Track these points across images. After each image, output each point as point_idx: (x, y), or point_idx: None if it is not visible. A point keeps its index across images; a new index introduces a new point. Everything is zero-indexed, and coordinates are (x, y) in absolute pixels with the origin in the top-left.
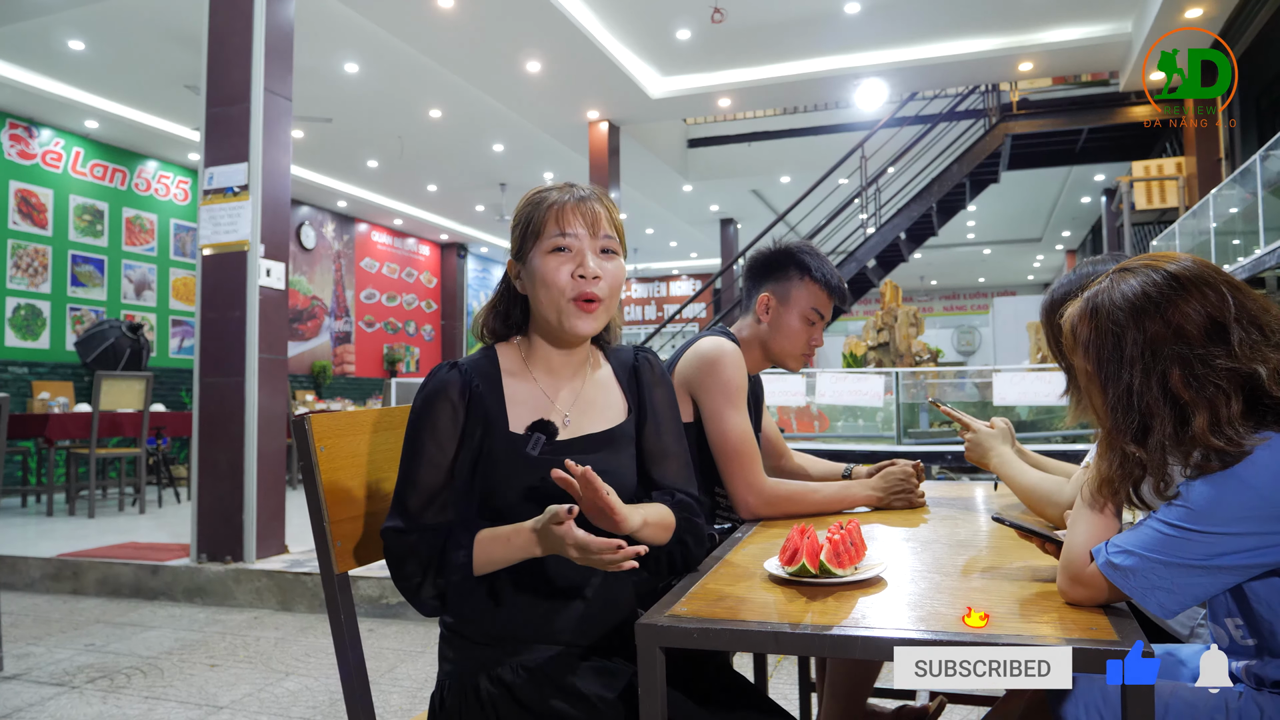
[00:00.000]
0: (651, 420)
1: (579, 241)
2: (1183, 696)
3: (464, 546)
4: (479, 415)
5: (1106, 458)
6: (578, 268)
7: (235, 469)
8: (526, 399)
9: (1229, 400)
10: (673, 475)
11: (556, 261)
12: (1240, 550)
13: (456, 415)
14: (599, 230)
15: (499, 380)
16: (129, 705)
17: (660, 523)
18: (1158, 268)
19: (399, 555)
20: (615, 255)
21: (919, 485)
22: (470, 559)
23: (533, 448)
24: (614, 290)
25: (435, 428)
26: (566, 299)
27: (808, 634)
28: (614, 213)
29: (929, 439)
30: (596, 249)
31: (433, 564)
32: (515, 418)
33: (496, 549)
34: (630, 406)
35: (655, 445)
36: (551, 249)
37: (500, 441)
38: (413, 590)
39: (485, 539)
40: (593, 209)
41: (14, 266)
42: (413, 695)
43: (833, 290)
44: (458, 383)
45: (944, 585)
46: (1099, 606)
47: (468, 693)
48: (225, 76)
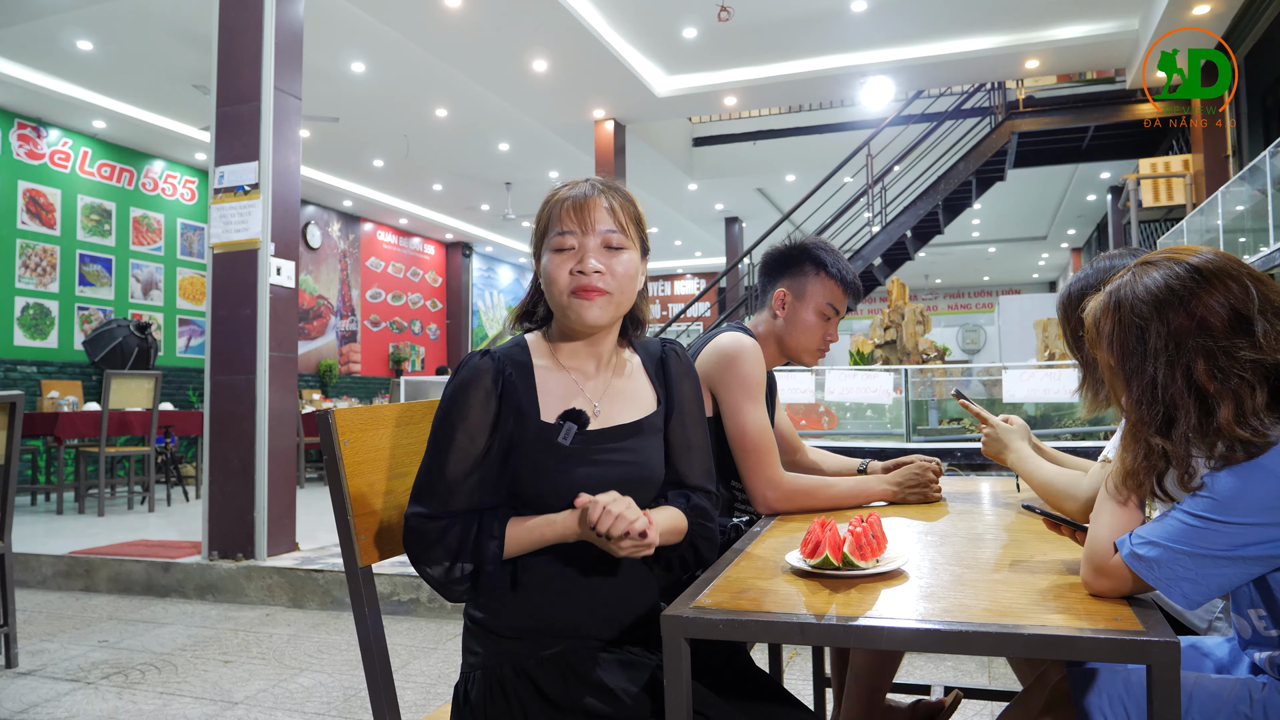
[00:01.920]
0: (678, 412)
1: (578, 239)
2: (1206, 687)
3: (496, 537)
4: (511, 404)
5: (1131, 450)
6: (577, 264)
7: (246, 467)
8: (557, 389)
9: (1254, 391)
10: (694, 468)
11: (559, 259)
12: (1265, 540)
13: (489, 404)
14: (597, 226)
15: (531, 369)
16: (144, 701)
17: (671, 529)
18: (1180, 260)
19: (427, 542)
20: (622, 249)
21: (938, 483)
22: (502, 549)
23: (564, 437)
24: (622, 282)
25: (468, 416)
26: (567, 293)
27: (834, 625)
28: (625, 205)
29: (938, 436)
30: (598, 245)
31: (465, 551)
32: (546, 407)
33: (527, 538)
34: (659, 398)
35: (680, 437)
36: (555, 248)
37: (532, 430)
38: (439, 577)
39: (516, 529)
40: (592, 205)
41: (22, 266)
42: (426, 691)
43: (848, 285)
44: (491, 370)
45: (966, 578)
46: (1122, 598)
47: (493, 685)
48: (236, 76)
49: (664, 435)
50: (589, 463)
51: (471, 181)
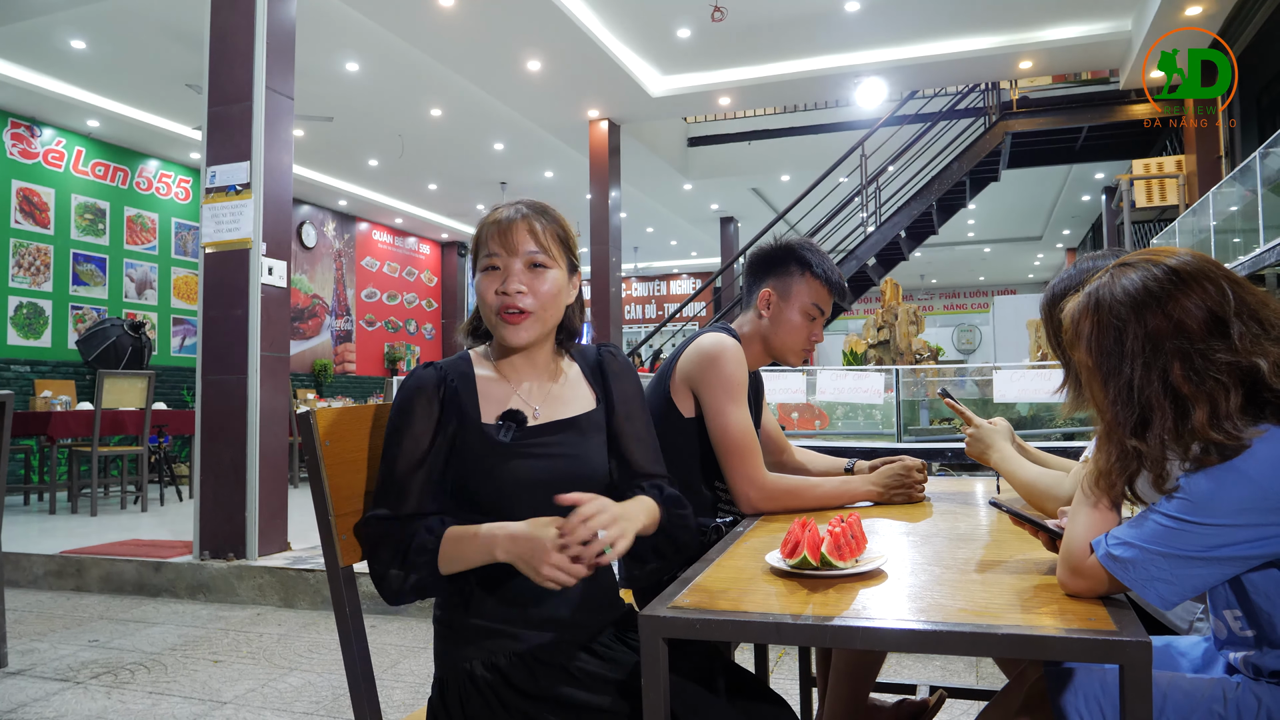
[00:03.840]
0: (620, 407)
1: (503, 260)
2: (1181, 687)
3: (433, 533)
4: (454, 408)
5: (1106, 451)
6: (501, 284)
7: (238, 466)
8: (498, 395)
9: (1229, 394)
10: (646, 456)
11: (487, 280)
12: (1239, 542)
13: (432, 408)
14: (520, 248)
15: (473, 379)
16: (133, 700)
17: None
18: (1158, 262)
19: (374, 541)
20: (546, 268)
21: (923, 482)
22: (437, 548)
23: (504, 435)
24: (544, 300)
25: (413, 420)
26: (494, 314)
27: (809, 625)
28: (548, 226)
29: (929, 436)
30: (522, 266)
31: (402, 551)
32: (487, 411)
33: (464, 546)
34: (598, 397)
35: (626, 429)
36: (483, 268)
37: (473, 433)
38: (380, 576)
39: (453, 534)
40: (515, 228)
41: (16, 265)
42: (415, 690)
43: (833, 286)
44: (434, 379)
45: (944, 578)
46: (1098, 598)
47: (464, 681)
48: (227, 75)
49: (609, 431)
50: (528, 456)
51: (466, 181)
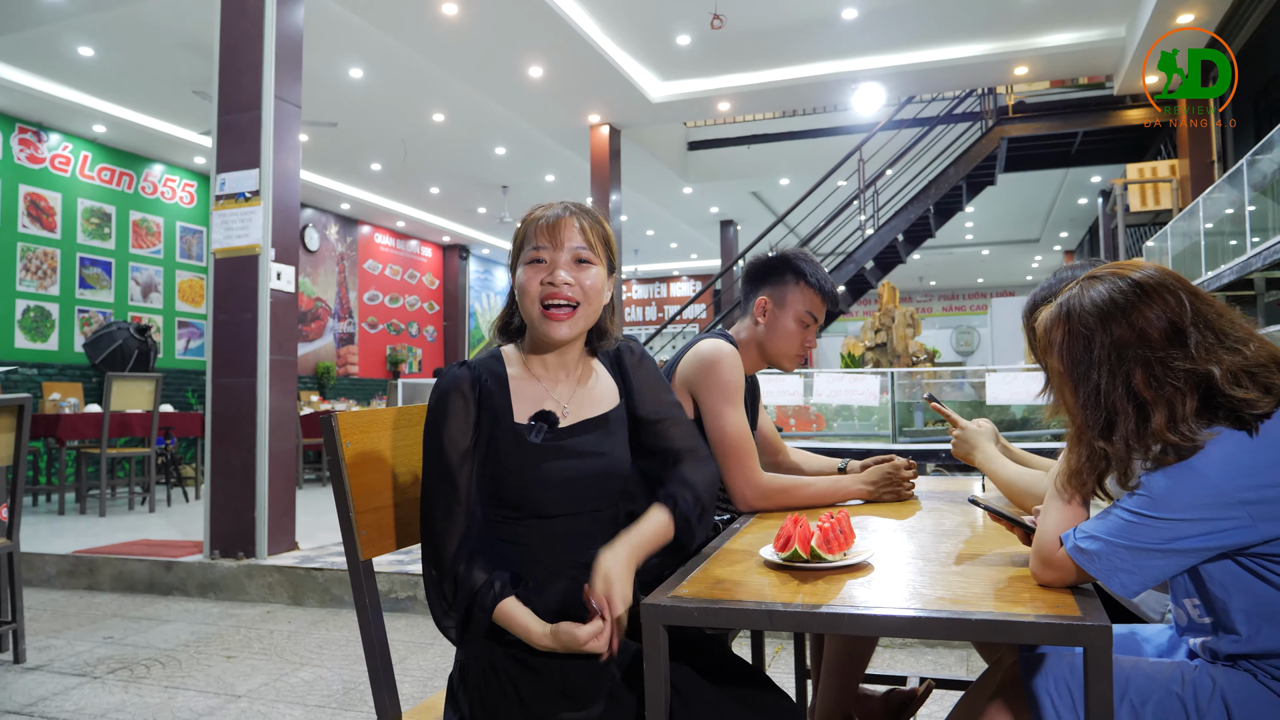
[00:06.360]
0: (639, 393)
1: (549, 254)
2: (1144, 670)
3: (485, 610)
4: (488, 407)
5: (1075, 451)
6: (548, 276)
7: (247, 467)
8: (529, 394)
9: (1184, 399)
10: (676, 436)
11: (532, 271)
12: (1194, 535)
13: (468, 407)
14: (567, 243)
15: (506, 378)
16: (150, 694)
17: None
18: (1124, 275)
19: (434, 589)
20: (590, 264)
21: (912, 480)
22: (487, 623)
23: (535, 435)
24: (589, 294)
25: (450, 419)
26: (537, 305)
27: (799, 611)
28: (594, 225)
29: (924, 437)
30: (568, 259)
31: (462, 619)
32: (520, 411)
33: (509, 625)
34: (620, 392)
35: (650, 410)
36: (529, 260)
37: (506, 432)
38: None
39: (502, 616)
40: (563, 224)
41: (23, 269)
42: (423, 684)
43: (826, 294)
44: (468, 378)
45: (926, 570)
46: (1067, 588)
47: (485, 670)
48: (237, 84)
49: (632, 417)
50: (560, 456)
51: (468, 185)
